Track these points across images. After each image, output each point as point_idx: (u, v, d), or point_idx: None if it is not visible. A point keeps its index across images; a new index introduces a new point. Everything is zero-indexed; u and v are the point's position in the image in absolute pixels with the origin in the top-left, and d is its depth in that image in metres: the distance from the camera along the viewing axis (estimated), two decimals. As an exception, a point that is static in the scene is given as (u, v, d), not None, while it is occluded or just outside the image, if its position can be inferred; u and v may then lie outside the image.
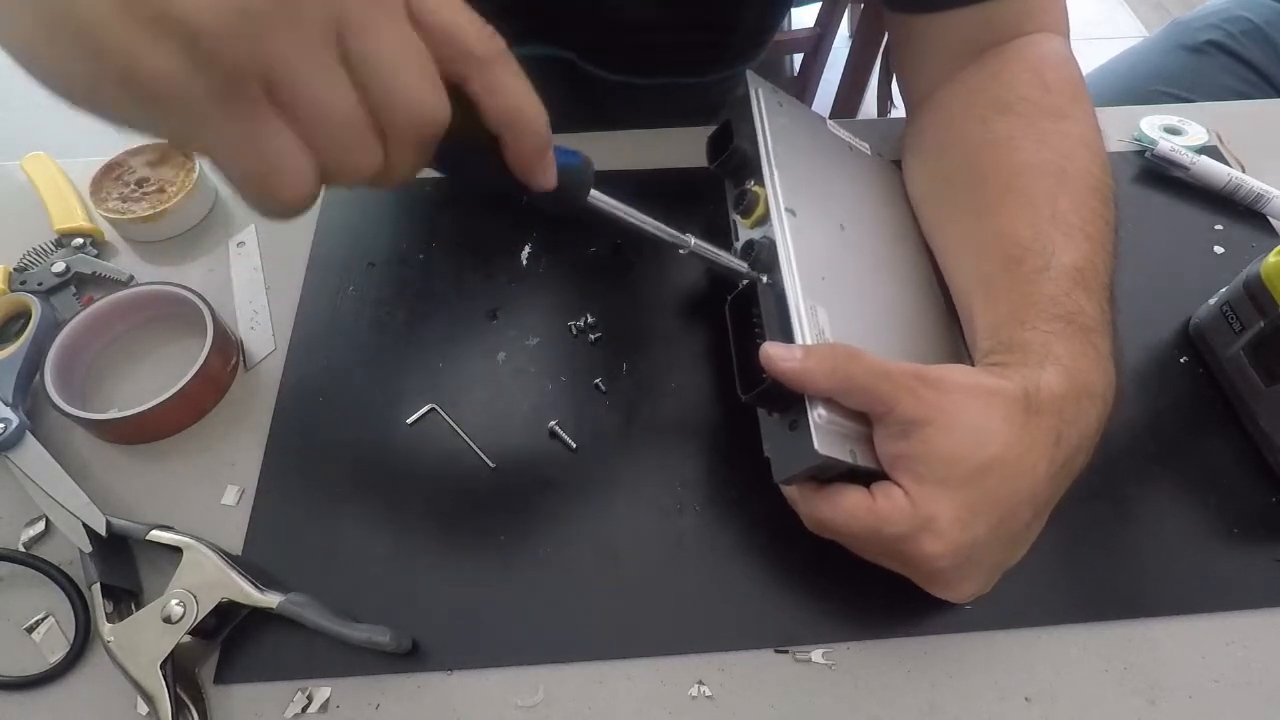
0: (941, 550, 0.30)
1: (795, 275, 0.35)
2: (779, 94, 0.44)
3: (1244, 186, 0.52)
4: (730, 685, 0.35)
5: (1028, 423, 0.31)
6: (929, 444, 0.30)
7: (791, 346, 0.31)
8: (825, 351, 0.31)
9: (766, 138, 0.40)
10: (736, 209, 0.40)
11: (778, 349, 0.31)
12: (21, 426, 0.39)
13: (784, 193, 0.38)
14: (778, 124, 0.41)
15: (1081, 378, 0.32)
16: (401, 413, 0.42)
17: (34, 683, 0.34)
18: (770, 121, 0.41)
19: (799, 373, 0.30)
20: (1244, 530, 0.39)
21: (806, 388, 0.31)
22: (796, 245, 0.36)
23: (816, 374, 0.30)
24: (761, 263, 0.37)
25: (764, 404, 0.34)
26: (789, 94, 0.45)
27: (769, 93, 0.43)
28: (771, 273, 0.36)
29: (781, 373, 0.31)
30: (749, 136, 0.40)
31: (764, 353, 0.31)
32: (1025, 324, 0.34)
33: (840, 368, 0.30)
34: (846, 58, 1.10)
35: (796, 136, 0.43)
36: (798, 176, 0.40)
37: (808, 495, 0.33)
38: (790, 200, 0.38)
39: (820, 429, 0.31)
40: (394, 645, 0.33)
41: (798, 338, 0.33)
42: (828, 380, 0.30)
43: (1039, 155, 0.40)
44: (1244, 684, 0.35)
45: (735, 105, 0.43)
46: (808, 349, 0.31)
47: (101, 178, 0.50)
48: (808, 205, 0.39)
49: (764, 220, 0.38)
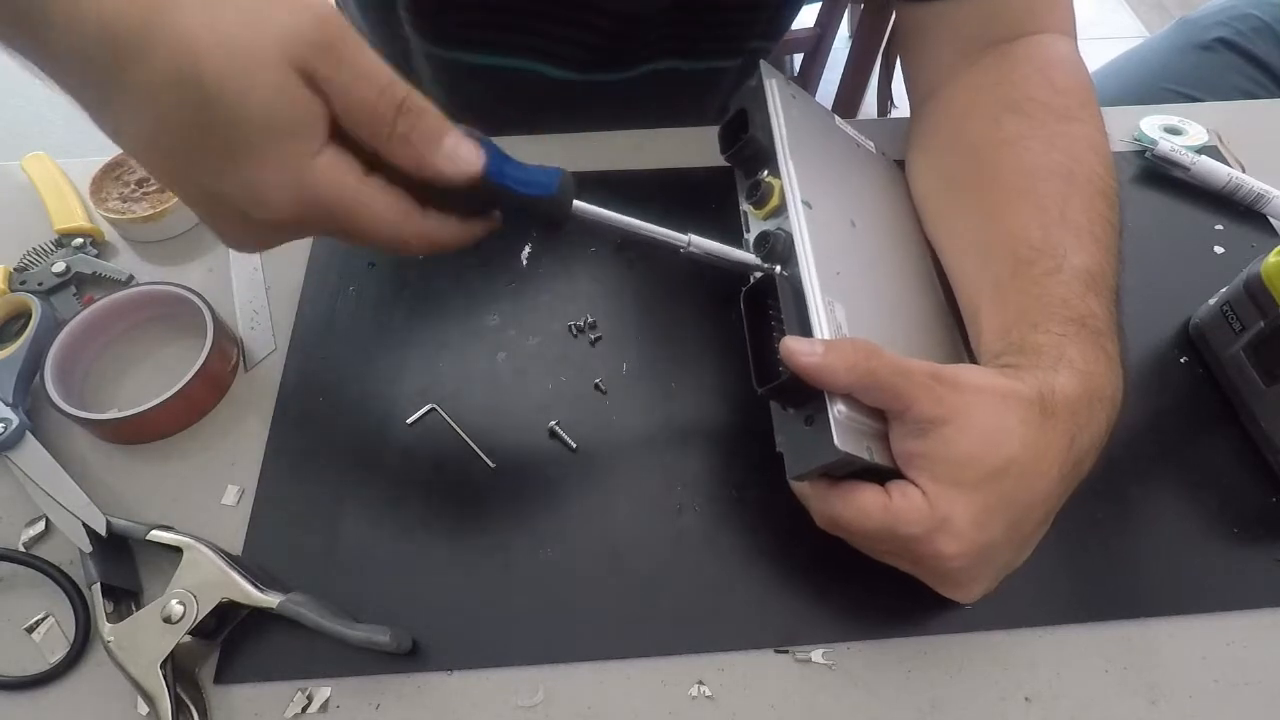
0: (957, 551, 0.30)
1: (814, 269, 0.34)
2: (792, 85, 0.43)
3: (1244, 186, 0.52)
4: (730, 685, 0.35)
5: (1044, 425, 0.31)
6: (947, 444, 0.30)
7: (813, 340, 0.31)
8: (846, 347, 0.30)
9: (782, 128, 0.39)
10: (750, 200, 0.39)
11: (799, 343, 0.31)
12: (21, 426, 0.39)
13: (800, 184, 0.37)
14: (791, 115, 0.41)
15: (1094, 381, 0.32)
16: (401, 413, 0.42)
17: (34, 683, 0.34)
18: (785, 112, 0.40)
19: (819, 368, 0.30)
20: (1244, 530, 0.39)
21: (826, 383, 0.30)
22: (813, 238, 0.35)
23: (838, 369, 0.30)
24: (777, 254, 0.36)
25: (779, 398, 0.33)
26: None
27: (783, 83, 0.42)
28: (788, 265, 0.35)
29: (802, 367, 0.30)
30: (763, 126, 0.40)
31: (784, 346, 0.31)
32: (1038, 326, 0.34)
33: (861, 364, 0.30)
34: (846, 58, 1.10)
35: (809, 129, 0.42)
36: (812, 169, 0.39)
37: (821, 492, 0.33)
38: (806, 192, 0.37)
39: (840, 424, 0.30)
40: (394, 645, 0.33)
41: (816, 332, 0.32)
42: (848, 376, 0.30)
43: (1048, 157, 0.40)
44: (1244, 684, 0.35)
45: (748, 95, 0.43)
46: (828, 344, 0.30)
47: (101, 178, 0.50)
48: (822, 199, 0.38)
49: (778, 212, 0.37)
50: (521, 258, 0.49)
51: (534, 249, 0.49)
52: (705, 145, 0.44)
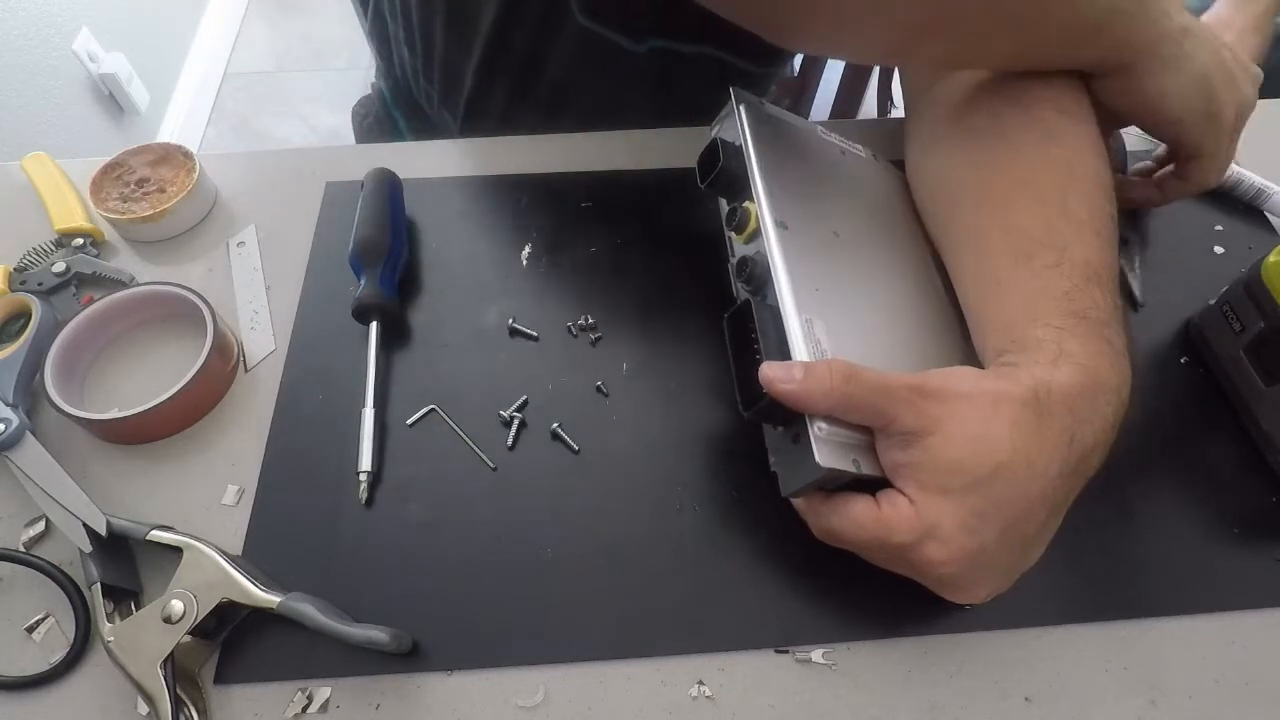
0: (946, 557, 0.30)
1: (789, 290, 0.35)
2: (765, 106, 0.44)
3: (1244, 182, 0.52)
4: (730, 685, 0.35)
5: (1039, 425, 0.30)
6: (930, 453, 0.30)
7: (790, 366, 0.31)
8: (823, 371, 0.31)
9: (751, 154, 0.40)
10: (729, 226, 0.40)
11: (776, 370, 0.31)
12: (21, 426, 0.39)
13: (773, 207, 0.38)
14: (763, 139, 0.41)
15: (1096, 374, 0.32)
16: (401, 413, 0.42)
17: (34, 683, 0.34)
18: (755, 136, 0.41)
19: (797, 394, 0.31)
20: (1244, 530, 0.39)
21: (805, 408, 0.31)
22: (788, 259, 0.36)
23: (815, 394, 0.30)
24: (756, 278, 0.37)
25: (765, 419, 0.34)
26: (787, 95, 0.45)
27: (753, 107, 0.43)
28: (765, 289, 0.36)
29: (781, 394, 0.31)
30: (736, 154, 0.41)
31: (762, 374, 0.31)
32: (1038, 321, 0.34)
33: (837, 388, 0.30)
34: (846, 58, 1.09)
35: (785, 149, 0.43)
36: (788, 189, 0.40)
37: (815, 506, 0.33)
38: (781, 213, 0.38)
39: (821, 441, 0.31)
40: (394, 645, 0.33)
41: (795, 354, 0.33)
42: (826, 400, 0.30)
43: (1048, 151, 0.40)
44: (1244, 684, 0.35)
45: (721, 122, 0.44)
46: (806, 369, 0.31)
47: (101, 178, 0.50)
48: (800, 217, 0.39)
49: (756, 236, 0.38)
50: (521, 258, 0.49)
51: (534, 249, 0.49)
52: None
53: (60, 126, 1.36)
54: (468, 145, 0.55)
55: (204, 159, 0.52)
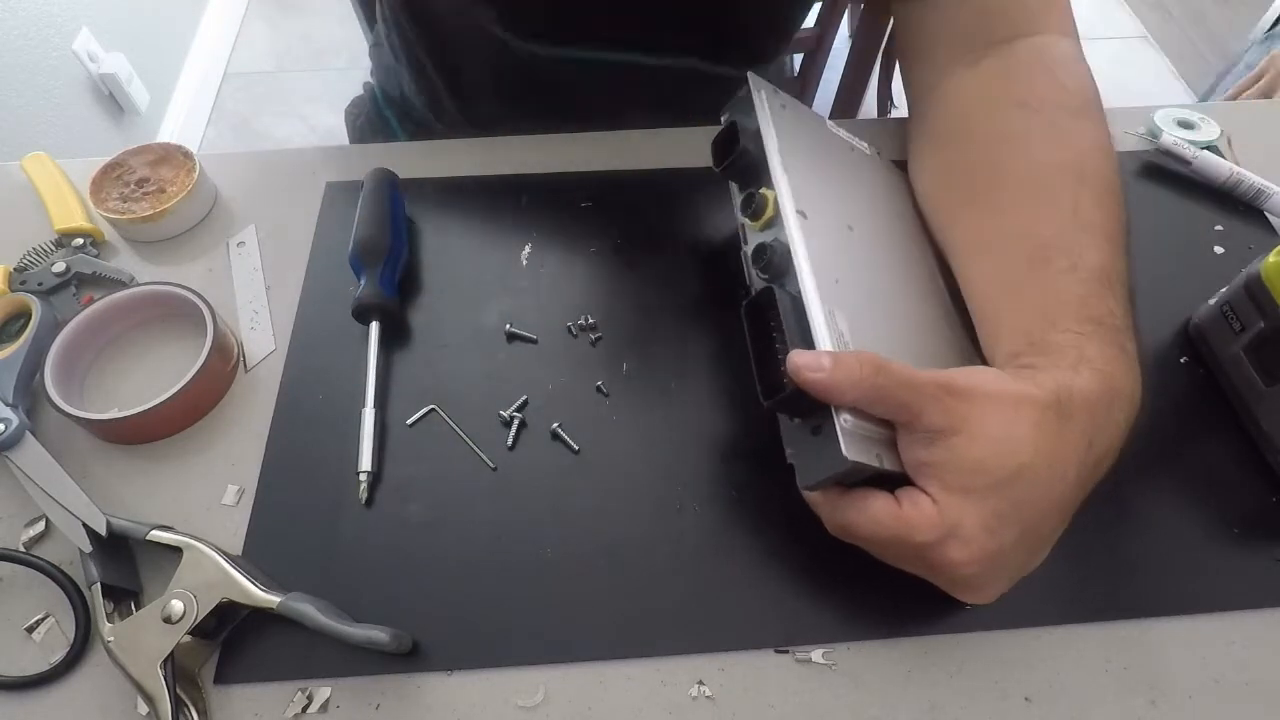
0: (967, 558, 0.30)
1: (813, 279, 0.34)
2: (780, 95, 0.44)
3: (1245, 182, 0.52)
4: (730, 685, 0.35)
5: (1061, 429, 0.30)
6: (955, 453, 0.30)
7: (819, 355, 0.31)
8: (853, 362, 0.30)
9: (773, 139, 0.39)
10: (745, 212, 0.40)
11: (805, 358, 0.30)
12: (21, 426, 0.39)
13: (794, 195, 0.37)
14: (782, 125, 0.41)
15: (1114, 380, 0.32)
16: (401, 413, 0.42)
17: (34, 683, 0.34)
18: (775, 122, 0.40)
19: (826, 385, 0.30)
20: (1244, 530, 0.39)
21: (833, 399, 0.30)
22: (810, 248, 0.36)
23: (844, 385, 0.30)
24: (775, 266, 0.36)
25: (786, 410, 0.33)
26: (789, 94, 0.45)
27: (771, 93, 0.43)
28: (786, 277, 0.36)
29: (809, 383, 0.30)
30: (754, 138, 0.40)
31: (791, 362, 0.31)
32: (1056, 325, 0.34)
33: (868, 379, 0.30)
34: (846, 58, 1.09)
35: (800, 137, 0.42)
36: (805, 178, 0.39)
37: (832, 500, 0.33)
38: (800, 202, 0.37)
39: (848, 434, 0.30)
40: (394, 645, 0.33)
41: (819, 344, 0.32)
42: (855, 391, 0.30)
43: (1059, 154, 0.40)
44: (1244, 684, 0.35)
45: (737, 106, 0.43)
46: (835, 359, 0.30)
47: (101, 178, 0.50)
48: (817, 207, 0.38)
49: (773, 223, 0.38)
50: (521, 258, 0.49)
51: (534, 249, 0.49)
52: (705, 145, 0.44)
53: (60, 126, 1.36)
54: (468, 145, 0.55)
55: (204, 159, 0.52)
